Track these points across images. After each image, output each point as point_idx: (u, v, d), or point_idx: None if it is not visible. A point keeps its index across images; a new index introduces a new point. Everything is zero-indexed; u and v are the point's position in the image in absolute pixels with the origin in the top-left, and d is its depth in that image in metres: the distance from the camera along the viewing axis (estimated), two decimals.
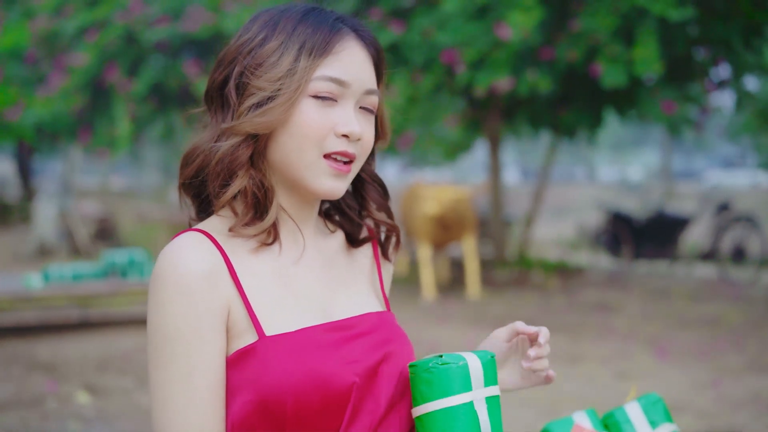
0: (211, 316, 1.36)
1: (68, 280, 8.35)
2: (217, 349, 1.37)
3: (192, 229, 1.45)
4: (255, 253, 1.47)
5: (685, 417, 5.61)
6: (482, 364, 1.45)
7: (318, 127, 1.42)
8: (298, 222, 1.53)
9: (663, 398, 1.98)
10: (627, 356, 7.41)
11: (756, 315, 9.45)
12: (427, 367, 1.42)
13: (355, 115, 1.45)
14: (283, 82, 1.41)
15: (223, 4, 11.66)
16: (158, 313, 1.36)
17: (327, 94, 1.43)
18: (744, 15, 9.98)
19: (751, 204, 21.75)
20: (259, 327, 1.39)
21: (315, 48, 1.43)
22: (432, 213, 10.20)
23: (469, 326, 8.72)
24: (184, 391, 1.35)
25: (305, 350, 1.40)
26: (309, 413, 1.37)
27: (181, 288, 1.35)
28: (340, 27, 1.48)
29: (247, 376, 1.37)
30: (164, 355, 1.36)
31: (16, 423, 5.33)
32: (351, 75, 1.44)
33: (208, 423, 1.36)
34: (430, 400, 1.42)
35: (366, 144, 1.49)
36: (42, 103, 13.21)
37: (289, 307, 1.44)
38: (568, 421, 1.94)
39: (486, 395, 1.44)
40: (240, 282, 1.41)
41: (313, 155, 1.43)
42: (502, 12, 9.53)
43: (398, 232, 1.67)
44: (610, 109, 11.85)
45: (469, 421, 1.41)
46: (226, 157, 1.44)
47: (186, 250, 1.38)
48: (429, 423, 1.42)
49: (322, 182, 1.44)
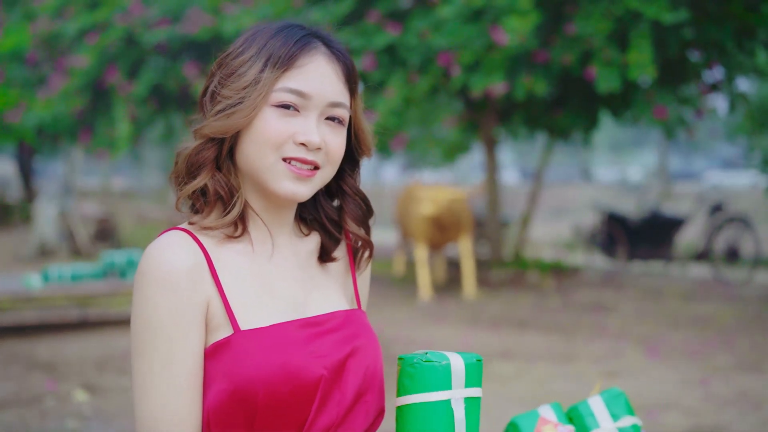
0: (192, 310, 1.47)
1: (67, 280, 8.45)
2: (196, 341, 1.48)
3: (176, 227, 1.56)
4: (234, 252, 1.57)
5: (672, 414, 5.71)
6: (465, 365, 1.53)
7: (277, 135, 1.53)
8: (273, 224, 1.63)
9: (625, 393, 2.08)
10: (618, 355, 7.50)
11: (748, 315, 9.55)
12: (412, 362, 1.51)
13: (317, 126, 1.55)
14: (248, 91, 1.53)
15: (223, 6, 11.77)
16: (142, 307, 1.47)
17: (288, 104, 1.53)
18: (736, 17, 10.08)
19: (751, 205, 21.83)
20: (234, 322, 1.50)
21: (279, 61, 1.54)
22: (428, 214, 10.30)
23: (464, 326, 8.82)
24: (164, 379, 1.46)
25: (277, 344, 1.51)
26: (279, 403, 1.48)
27: (165, 284, 1.46)
28: (308, 42, 1.58)
29: (222, 367, 1.48)
30: (147, 346, 1.46)
31: (15, 421, 5.43)
32: (313, 88, 1.54)
33: (186, 408, 1.46)
34: (411, 393, 1.51)
35: (332, 154, 1.57)
36: (43, 105, 13.31)
37: (264, 304, 1.55)
38: (534, 414, 2.04)
39: (465, 396, 1.53)
40: (219, 279, 1.52)
41: (272, 158, 1.54)
42: (497, 15, 9.62)
43: (371, 248, 1.76)
44: (604, 112, 11.95)
45: (444, 418, 1.50)
46: (191, 158, 1.57)
47: (170, 248, 1.50)
48: (407, 414, 1.52)
49: (282, 184, 1.54)
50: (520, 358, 7.36)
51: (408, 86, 10.35)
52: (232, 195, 1.58)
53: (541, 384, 6.44)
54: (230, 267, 1.55)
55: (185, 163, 1.59)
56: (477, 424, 1.57)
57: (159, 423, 1.45)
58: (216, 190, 1.57)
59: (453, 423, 1.51)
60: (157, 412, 1.45)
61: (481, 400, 1.58)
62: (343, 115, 1.59)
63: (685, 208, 18.10)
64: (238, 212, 1.57)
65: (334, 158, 1.59)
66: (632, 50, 9.27)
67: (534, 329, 8.68)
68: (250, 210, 1.62)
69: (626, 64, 9.38)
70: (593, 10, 9.54)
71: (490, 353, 7.51)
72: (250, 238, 1.61)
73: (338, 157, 1.60)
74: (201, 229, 1.56)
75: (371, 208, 1.75)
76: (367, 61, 10.27)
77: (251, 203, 1.61)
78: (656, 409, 5.80)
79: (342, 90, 1.59)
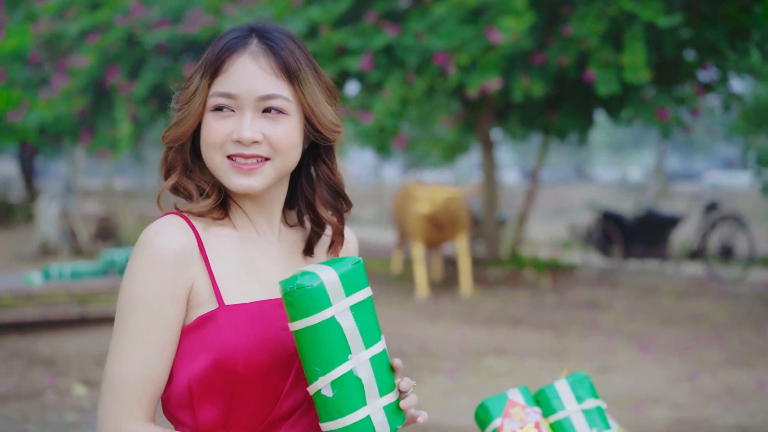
0: (173, 288, 1.62)
1: (68, 278, 8.58)
2: (172, 317, 1.62)
3: (173, 212, 1.71)
4: (220, 236, 1.72)
5: (659, 408, 5.82)
6: (339, 276, 1.58)
7: (216, 136, 1.67)
8: (253, 212, 1.76)
9: (589, 377, 2.19)
10: (610, 352, 7.62)
11: (740, 312, 9.66)
12: (286, 291, 1.57)
13: (252, 122, 1.66)
14: (189, 103, 1.70)
15: (223, 7, 11.88)
16: (130, 278, 1.62)
17: (222, 107, 1.67)
18: (730, 18, 10.19)
19: (750, 205, 21.92)
20: (220, 297, 1.65)
21: (208, 69, 1.69)
22: (424, 212, 10.40)
23: (459, 323, 8.93)
24: (136, 345, 1.60)
25: (257, 319, 1.65)
26: (256, 373, 1.62)
27: (153, 261, 1.61)
28: (234, 44, 1.69)
29: (206, 338, 1.62)
30: (127, 313, 1.62)
31: (16, 414, 5.55)
32: (239, 87, 1.66)
33: (149, 375, 1.61)
34: (295, 320, 1.57)
35: (275, 143, 1.67)
36: (44, 105, 13.42)
37: (248, 284, 1.69)
38: (503, 397, 2.16)
39: (349, 304, 1.58)
40: (208, 259, 1.67)
41: (218, 158, 1.68)
42: (493, 17, 9.73)
43: (341, 233, 1.86)
44: (600, 112, 12.06)
45: (333, 334, 1.56)
46: (163, 161, 1.76)
47: (164, 229, 1.65)
48: (300, 339, 1.58)
49: (231, 180, 1.68)
50: (513, 354, 7.48)
51: (405, 86, 10.46)
52: (202, 189, 1.72)
53: (532, 379, 6.54)
54: (217, 248, 1.70)
55: (162, 165, 1.76)
56: (373, 322, 1.63)
57: (122, 382, 1.60)
58: (185, 186, 1.73)
59: (344, 335, 1.56)
60: (123, 372, 1.60)
61: (371, 297, 1.63)
62: (280, 105, 1.67)
63: (681, 207, 18.22)
64: (212, 202, 1.71)
65: (280, 147, 1.68)
66: (626, 52, 9.38)
67: (528, 326, 8.79)
68: (231, 199, 1.75)
69: (621, 65, 9.49)
70: (588, 11, 9.65)
71: (484, 349, 7.63)
72: (233, 224, 1.75)
73: (285, 145, 1.68)
74: (190, 214, 1.70)
75: (344, 195, 1.84)
76: (365, 61, 10.38)
77: (231, 192, 1.74)
78: (644, 403, 5.92)
79: (274, 82, 1.67)
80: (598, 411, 2.13)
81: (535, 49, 10.11)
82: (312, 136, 1.74)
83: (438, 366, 7.01)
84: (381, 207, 28.78)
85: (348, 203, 1.85)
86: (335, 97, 1.78)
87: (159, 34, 12.35)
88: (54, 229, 14.34)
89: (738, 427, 5.43)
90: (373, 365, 1.60)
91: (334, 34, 10.49)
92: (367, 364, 1.59)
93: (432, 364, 7.07)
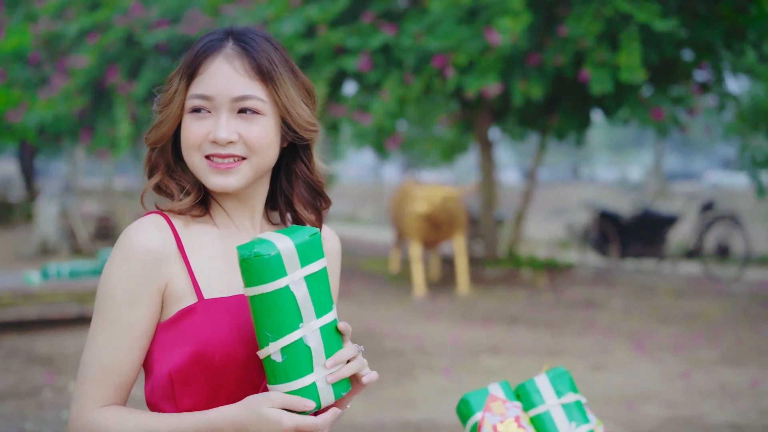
0: (146, 286, 1.68)
1: (66, 277, 8.63)
2: (143, 312, 1.68)
3: (155, 211, 1.77)
4: (200, 233, 1.77)
5: (651, 406, 5.86)
6: (296, 246, 1.62)
7: (194, 137, 1.72)
8: (233, 209, 1.81)
9: (569, 372, 2.24)
10: (605, 350, 7.66)
11: (736, 311, 9.70)
12: (243, 258, 1.61)
13: (227, 122, 1.71)
14: (169, 105, 1.75)
15: (221, 7, 11.93)
16: (108, 273, 1.69)
17: (199, 108, 1.72)
18: (726, 18, 10.22)
19: (749, 205, 21.97)
20: (199, 291, 1.70)
21: (186, 72, 1.74)
22: (422, 212, 10.44)
23: (456, 321, 8.98)
24: (108, 335, 1.68)
25: (236, 313, 1.70)
26: (234, 363, 1.68)
27: (127, 257, 1.68)
28: (210, 47, 1.74)
29: (185, 331, 1.67)
30: (102, 305, 1.69)
31: (13, 412, 5.59)
32: (214, 89, 1.71)
33: (119, 364, 1.68)
34: (250, 286, 1.62)
35: (251, 142, 1.72)
36: (44, 105, 13.47)
37: (226, 279, 1.74)
38: (484, 391, 2.20)
39: (304, 275, 1.62)
40: (186, 255, 1.72)
41: (196, 158, 1.73)
42: (490, 17, 9.76)
43: (319, 228, 1.90)
44: (597, 112, 12.10)
45: (286, 302, 1.61)
46: (146, 162, 1.82)
47: (142, 229, 1.71)
48: (254, 305, 1.62)
49: (209, 179, 1.73)
50: (509, 352, 7.52)
51: (402, 87, 10.50)
52: (183, 188, 1.78)
53: (527, 378, 6.57)
54: (196, 245, 1.75)
55: (146, 165, 1.83)
56: (325, 293, 1.67)
57: (90, 368, 1.68)
58: (167, 185, 1.79)
59: (296, 304, 1.61)
60: (90, 359, 1.68)
61: (325, 268, 1.67)
62: (254, 105, 1.72)
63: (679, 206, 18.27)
64: (191, 200, 1.76)
65: (256, 146, 1.73)
66: (622, 52, 9.42)
67: (524, 325, 8.83)
68: (212, 197, 1.81)
69: (617, 65, 9.53)
70: (584, 11, 9.69)
71: (480, 348, 7.67)
72: (213, 221, 1.80)
73: (260, 145, 1.73)
74: (170, 212, 1.76)
75: (322, 193, 1.88)
76: (362, 62, 10.42)
77: (212, 191, 1.80)
78: (637, 401, 5.96)
79: (248, 83, 1.72)
80: (577, 405, 2.18)
81: (533, 49, 10.15)
82: (288, 135, 1.78)
83: (433, 364, 7.05)
84: (380, 207, 28.84)
85: (326, 200, 1.89)
86: (313, 97, 1.82)
87: (158, 34, 12.40)
88: (53, 228, 14.39)
89: (730, 424, 5.47)
90: (322, 334, 1.64)
91: (332, 33, 10.53)
92: (317, 333, 1.63)
93: (428, 363, 7.11)
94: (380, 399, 6.07)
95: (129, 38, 13.00)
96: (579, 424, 2.14)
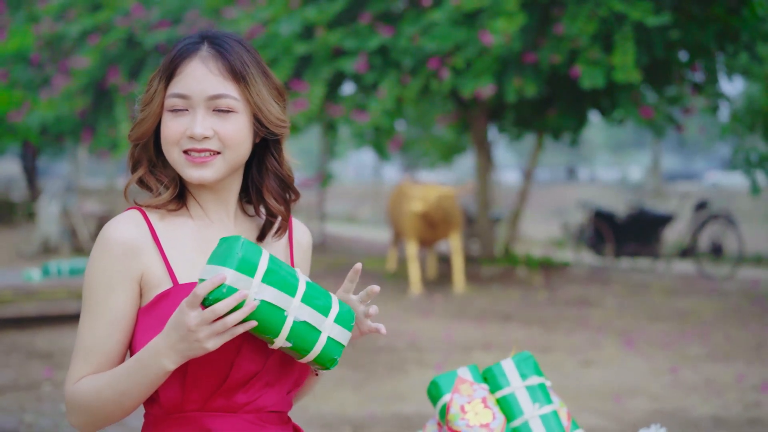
0: (121, 275, 1.83)
1: (66, 274, 8.77)
2: (121, 299, 1.83)
3: (133, 207, 1.91)
4: (175, 225, 1.92)
5: (637, 400, 5.99)
6: (236, 268, 1.67)
7: (172, 133, 1.87)
8: (209, 202, 1.95)
9: (533, 355, 2.36)
10: (595, 346, 7.78)
11: (727, 308, 9.82)
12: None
13: (203, 119, 1.85)
14: (148, 104, 1.89)
15: (222, 9, 12.06)
16: (89, 265, 1.86)
17: (178, 107, 1.86)
18: (719, 20, 10.34)
19: (748, 204, 22.06)
20: (174, 277, 1.84)
21: (164, 73, 1.89)
22: (418, 211, 10.55)
23: (450, 319, 9.10)
24: (92, 320, 1.83)
25: None
26: None
27: (105, 250, 1.84)
28: (186, 49, 1.88)
29: (161, 314, 1.81)
30: (86, 294, 1.85)
31: (13, 405, 5.73)
32: (191, 88, 1.85)
33: (104, 345, 1.83)
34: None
35: (225, 138, 1.86)
36: (46, 105, 13.61)
37: (199, 265, 1.88)
38: (453, 374, 2.33)
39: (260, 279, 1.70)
40: (161, 246, 1.86)
41: (175, 153, 1.88)
42: (487, 19, 9.88)
43: (287, 221, 2.03)
44: (592, 111, 12.22)
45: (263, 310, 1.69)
46: (129, 158, 1.97)
47: (118, 223, 1.86)
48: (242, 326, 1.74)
49: (187, 172, 1.87)
50: (500, 348, 7.64)
51: (400, 87, 10.62)
52: (162, 183, 1.93)
53: None
54: (172, 236, 1.89)
55: (129, 161, 1.96)
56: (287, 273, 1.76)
57: (77, 349, 1.84)
58: (148, 181, 1.93)
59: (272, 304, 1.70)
60: (81, 340, 1.85)
61: (270, 254, 1.75)
62: (228, 104, 1.86)
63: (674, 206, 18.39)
64: (168, 196, 1.91)
65: (230, 141, 1.87)
66: (616, 52, 9.54)
67: (517, 322, 8.96)
68: (188, 190, 1.95)
69: (611, 65, 9.65)
70: (579, 11, 9.81)
71: (472, 344, 7.80)
72: (189, 213, 1.94)
73: (233, 141, 1.87)
74: (147, 207, 1.90)
75: (292, 186, 2.01)
76: (360, 63, 10.55)
77: (188, 185, 1.94)
78: (623, 395, 6.08)
79: (222, 83, 1.86)
80: (541, 387, 2.30)
81: (527, 49, 10.27)
82: (260, 131, 1.92)
83: (426, 360, 7.18)
84: (380, 207, 28.96)
85: (296, 193, 2.03)
86: (283, 95, 1.96)
87: (159, 35, 12.53)
88: (55, 227, 14.54)
89: (713, 417, 5.60)
90: (306, 302, 1.77)
91: (330, 34, 10.65)
92: (302, 307, 1.76)
93: (420, 358, 7.24)
94: (372, 393, 6.20)
95: (130, 39, 13.13)
96: (542, 405, 2.26)
